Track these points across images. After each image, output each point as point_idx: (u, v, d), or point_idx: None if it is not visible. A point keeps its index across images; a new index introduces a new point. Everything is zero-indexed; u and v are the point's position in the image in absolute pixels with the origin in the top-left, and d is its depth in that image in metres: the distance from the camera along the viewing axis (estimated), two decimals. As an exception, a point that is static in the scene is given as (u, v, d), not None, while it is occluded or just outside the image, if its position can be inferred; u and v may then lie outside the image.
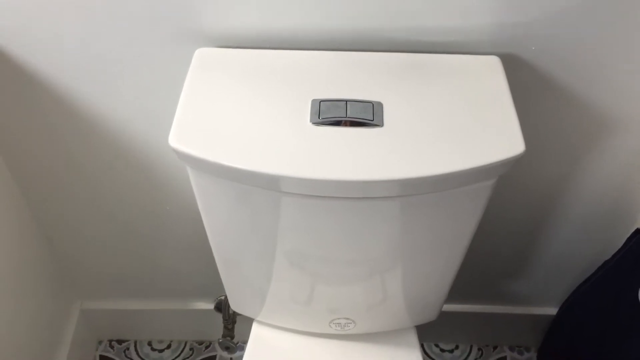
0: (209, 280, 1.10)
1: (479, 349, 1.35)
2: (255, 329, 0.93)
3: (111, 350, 1.34)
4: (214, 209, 0.69)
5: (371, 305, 0.84)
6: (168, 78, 0.77)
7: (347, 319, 0.86)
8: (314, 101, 0.64)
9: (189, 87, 0.66)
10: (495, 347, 1.35)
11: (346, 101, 0.64)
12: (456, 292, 1.04)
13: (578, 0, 0.67)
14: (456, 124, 0.63)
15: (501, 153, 0.60)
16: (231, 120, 0.63)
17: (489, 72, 0.69)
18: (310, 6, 0.68)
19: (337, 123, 0.62)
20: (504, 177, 0.64)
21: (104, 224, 1.03)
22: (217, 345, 1.34)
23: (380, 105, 0.64)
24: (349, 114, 0.63)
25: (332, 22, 0.70)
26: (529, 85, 0.76)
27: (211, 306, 1.14)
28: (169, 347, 1.35)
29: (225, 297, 1.02)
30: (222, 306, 1.10)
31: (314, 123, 0.62)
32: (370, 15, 0.69)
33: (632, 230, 0.93)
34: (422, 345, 1.35)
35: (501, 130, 0.62)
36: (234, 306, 0.91)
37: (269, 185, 0.61)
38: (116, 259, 1.11)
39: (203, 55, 0.70)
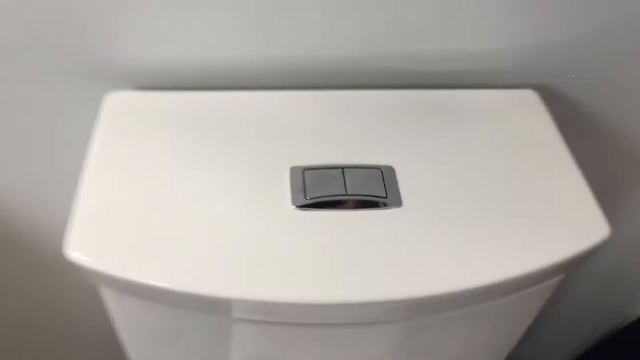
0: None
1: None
2: None
3: None
4: (139, 338, 0.45)
5: None
6: (64, 138, 0.52)
7: None
8: (294, 169, 0.42)
9: (94, 156, 0.43)
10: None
11: (342, 168, 0.42)
12: None
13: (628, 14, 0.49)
14: (504, 198, 0.42)
15: (577, 240, 0.40)
16: (158, 208, 0.40)
17: (528, 112, 0.50)
18: (273, 24, 0.46)
19: (333, 204, 0.40)
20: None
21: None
22: None
23: (391, 171, 0.43)
24: (349, 189, 0.41)
25: (305, 47, 0.48)
26: (569, 124, 0.57)
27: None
28: None
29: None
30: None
31: (298, 207, 0.40)
32: (361, 38, 0.48)
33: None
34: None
35: (568, 202, 0.43)
36: None
37: (217, 311, 0.39)
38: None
39: (115, 102, 0.47)
